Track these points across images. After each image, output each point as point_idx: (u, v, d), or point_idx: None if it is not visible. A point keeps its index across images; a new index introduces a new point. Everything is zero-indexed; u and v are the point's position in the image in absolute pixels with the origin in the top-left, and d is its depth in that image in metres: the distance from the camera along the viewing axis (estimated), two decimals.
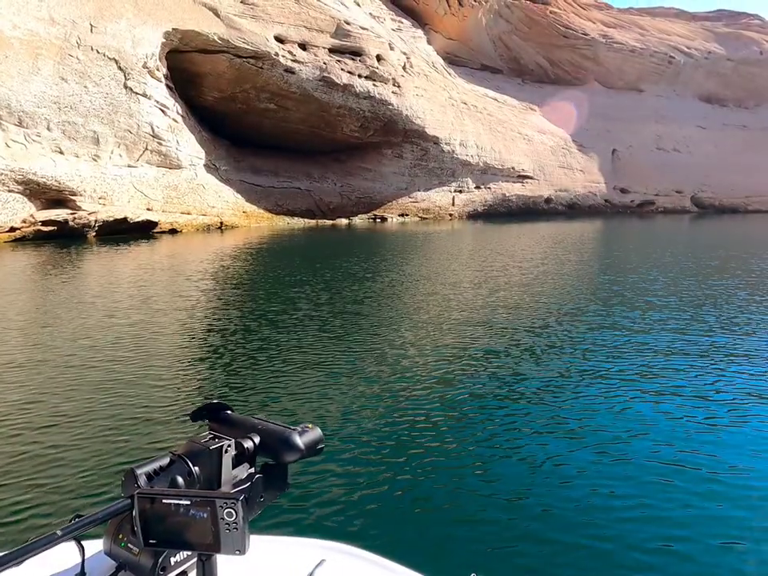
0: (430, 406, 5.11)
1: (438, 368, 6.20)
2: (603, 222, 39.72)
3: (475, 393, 5.54)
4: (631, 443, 4.36)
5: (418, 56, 41.00)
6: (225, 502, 0.82)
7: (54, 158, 20.57)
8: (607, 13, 63.38)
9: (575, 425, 4.74)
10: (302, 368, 6.29)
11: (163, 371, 6.17)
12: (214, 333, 8.00)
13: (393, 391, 5.55)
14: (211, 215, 27.60)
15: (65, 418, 4.80)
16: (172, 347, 7.25)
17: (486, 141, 43.19)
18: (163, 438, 4.38)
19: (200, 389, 5.70)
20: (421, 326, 8.22)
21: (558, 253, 18.78)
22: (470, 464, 4.07)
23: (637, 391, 5.53)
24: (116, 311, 9.31)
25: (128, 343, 7.24)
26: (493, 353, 6.91)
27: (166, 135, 25.11)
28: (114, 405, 5.09)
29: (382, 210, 38.17)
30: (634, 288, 11.27)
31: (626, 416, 4.94)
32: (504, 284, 11.86)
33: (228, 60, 27.88)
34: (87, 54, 21.23)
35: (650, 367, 6.28)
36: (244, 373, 6.19)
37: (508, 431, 4.64)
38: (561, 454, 4.21)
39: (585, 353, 6.89)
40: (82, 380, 5.84)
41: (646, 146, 56.71)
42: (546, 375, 6.10)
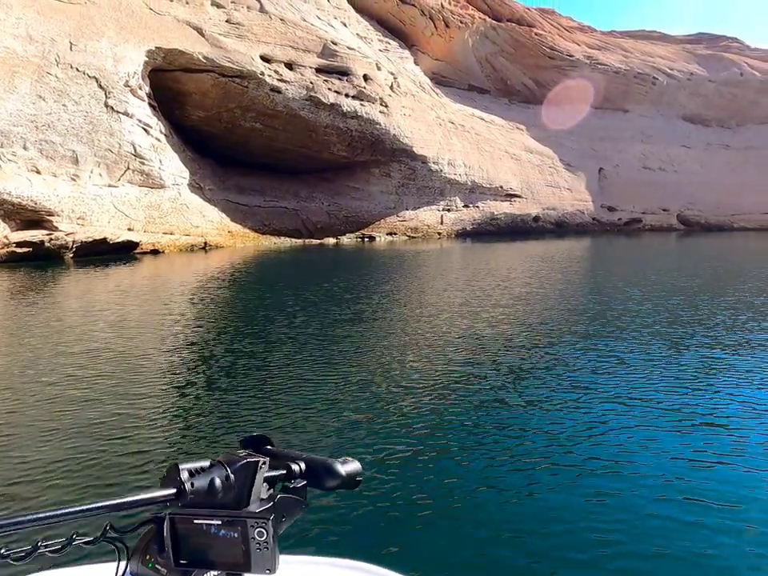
0: (424, 424, 5.08)
1: (428, 389, 5.79)
2: (591, 240, 39.65)
3: (467, 411, 5.41)
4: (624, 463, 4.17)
5: (405, 76, 41.11)
6: (256, 522, 0.83)
7: (30, 178, 19.98)
8: (591, 35, 64.42)
9: (566, 447, 4.62)
10: (288, 389, 6.12)
11: (139, 396, 5.91)
12: (193, 357, 7.72)
13: (389, 411, 5.49)
14: (195, 235, 27.02)
15: (37, 447, 4.61)
16: (150, 373, 6.94)
17: (473, 160, 43.21)
18: (140, 468, 4.20)
19: (179, 414, 5.47)
20: (407, 347, 7.72)
21: (547, 272, 18.42)
22: (478, 482, 4.02)
23: (622, 408, 5.32)
24: (92, 336, 8.84)
25: (104, 369, 6.94)
26: (481, 371, 6.61)
27: (148, 154, 24.63)
28: (92, 431, 4.91)
29: (370, 229, 37.82)
30: (623, 307, 10.86)
31: (614, 437, 4.84)
32: (492, 304, 11.41)
33: (213, 79, 27.59)
34: (66, 71, 20.79)
35: (636, 386, 5.92)
36: (226, 397, 5.96)
37: (500, 450, 4.60)
38: (560, 480, 4.07)
39: (571, 372, 6.56)
40: (55, 407, 5.56)
41: (632, 165, 57.19)
42: (533, 395, 5.90)
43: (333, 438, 4.78)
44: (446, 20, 48.74)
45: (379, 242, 36.29)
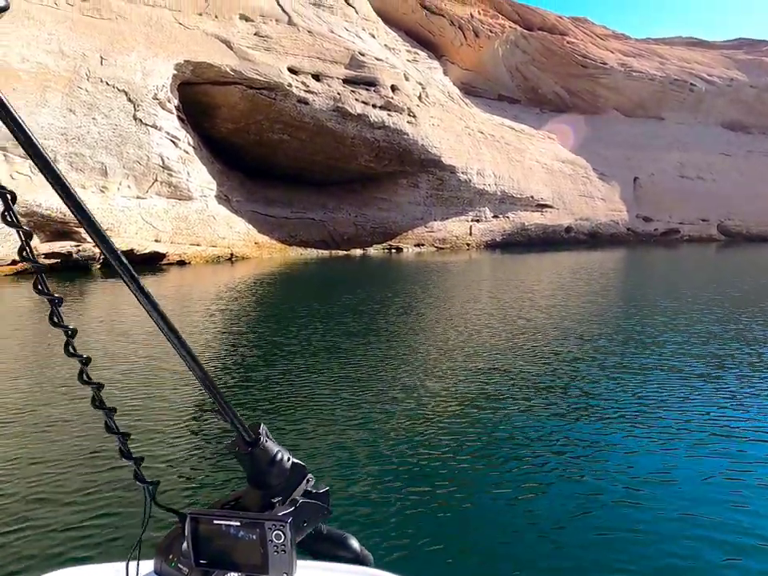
0: (454, 436, 5.01)
1: (454, 402, 5.55)
2: (626, 252, 38.33)
3: (494, 426, 5.35)
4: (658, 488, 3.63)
5: (433, 86, 40.76)
6: (274, 524, 0.85)
7: None
8: (625, 42, 63.07)
9: (595, 470, 4.46)
10: (309, 401, 6.05)
11: (166, 406, 5.91)
12: (219, 366, 7.71)
13: (417, 422, 5.40)
14: (221, 246, 27.02)
15: (65, 450, 4.67)
16: (176, 383, 6.94)
17: (503, 169, 42.45)
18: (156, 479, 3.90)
19: (204, 422, 5.47)
20: (434, 363, 7.19)
21: (578, 285, 17.59)
22: (505, 495, 3.98)
23: (658, 430, 4.95)
24: (118, 346, 8.88)
25: (131, 379, 7.01)
26: (511, 388, 6.23)
27: (176, 166, 24.77)
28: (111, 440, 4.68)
29: (398, 240, 37.37)
30: (656, 322, 10.07)
31: (653, 460, 4.57)
32: (523, 321, 10.76)
33: (241, 91, 27.71)
34: (96, 85, 21.07)
35: (668, 406, 5.31)
36: (252, 407, 5.92)
37: (533, 467, 4.52)
38: (590, 492, 4.06)
39: (605, 392, 6.03)
40: (82, 416, 5.58)
41: (668, 174, 55.42)
42: (564, 413, 5.64)
43: (351, 450, 4.67)
44: (476, 30, 48.35)
45: (407, 254, 35.80)
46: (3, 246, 18.94)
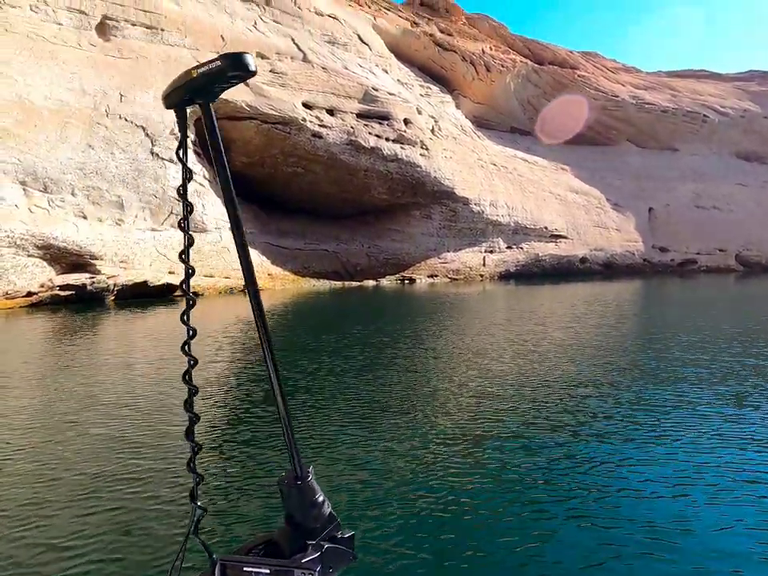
0: (458, 478, 4.85)
1: (462, 441, 5.23)
2: (642, 282, 37.82)
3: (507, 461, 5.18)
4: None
5: (446, 119, 41.30)
6: (303, 572, 0.86)
7: (76, 223, 20.57)
8: (636, 76, 63.66)
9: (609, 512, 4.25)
10: (324, 436, 5.98)
11: (177, 437, 5.78)
12: (231, 399, 7.67)
13: (423, 462, 5.28)
14: (235, 278, 27.17)
15: (73, 482, 4.62)
16: (182, 416, 6.77)
17: (516, 201, 42.53)
18: (173, 504, 4.12)
19: (216, 456, 5.43)
20: (445, 399, 6.97)
21: (595, 318, 17.27)
22: (512, 541, 3.84)
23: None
24: (131, 377, 8.92)
25: (142, 410, 6.96)
26: (520, 426, 5.93)
27: (191, 199, 25.01)
28: (127, 470, 4.90)
29: (411, 271, 37.35)
30: (678, 359, 9.75)
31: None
32: (536, 355, 10.51)
33: (256, 126, 28.28)
34: (115, 121, 21.64)
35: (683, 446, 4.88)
36: (263, 440, 5.86)
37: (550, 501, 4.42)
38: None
39: (618, 432, 5.62)
40: (93, 444, 5.67)
41: (684, 204, 55.10)
42: (575, 454, 5.38)
43: (356, 490, 4.57)
44: (487, 65, 49.16)
45: (420, 285, 35.69)
46: (20, 278, 19.22)
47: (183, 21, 26.41)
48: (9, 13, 20.80)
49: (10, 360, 11.11)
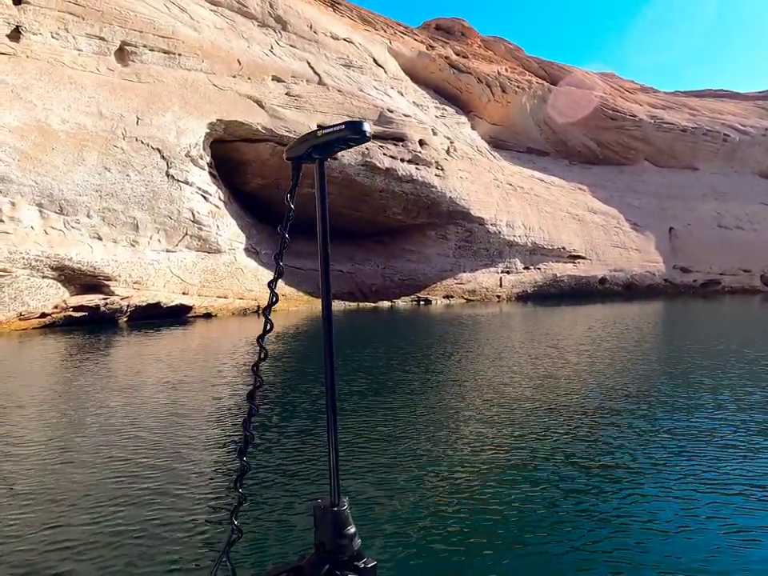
0: (467, 515, 4.55)
1: (473, 472, 4.74)
2: (664, 304, 36.88)
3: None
4: None
5: (461, 140, 41.26)
6: None
7: (91, 244, 20.66)
8: (654, 95, 63.30)
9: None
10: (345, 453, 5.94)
11: (193, 458, 5.85)
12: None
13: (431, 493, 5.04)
14: (248, 299, 27.07)
15: (86, 504, 4.57)
16: (203, 435, 6.90)
17: (533, 221, 42.09)
18: (195, 538, 3.99)
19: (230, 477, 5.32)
20: (459, 426, 6.55)
21: (614, 341, 16.66)
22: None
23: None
24: (145, 402, 8.81)
25: (156, 432, 6.89)
26: (535, 457, 5.46)
27: (206, 220, 25.22)
28: (139, 493, 4.83)
29: (426, 292, 36.96)
30: (699, 386, 9.18)
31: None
32: (551, 380, 10.02)
33: (271, 148, 28.42)
34: (131, 144, 21.84)
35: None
36: (279, 462, 5.75)
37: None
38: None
39: (632, 463, 5.11)
40: (113, 466, 5.60)
41: (705, 224, 54.09)
42: (586, 487, 5.02)
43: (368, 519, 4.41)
44: (503, 86, 49.25)
45: (435, 306, 35.24)
46: (34, 300, 19.26)
47: (200, 45, 26.83)
48: (31, 40, 21.28)
49: (25, 381, 11.00)
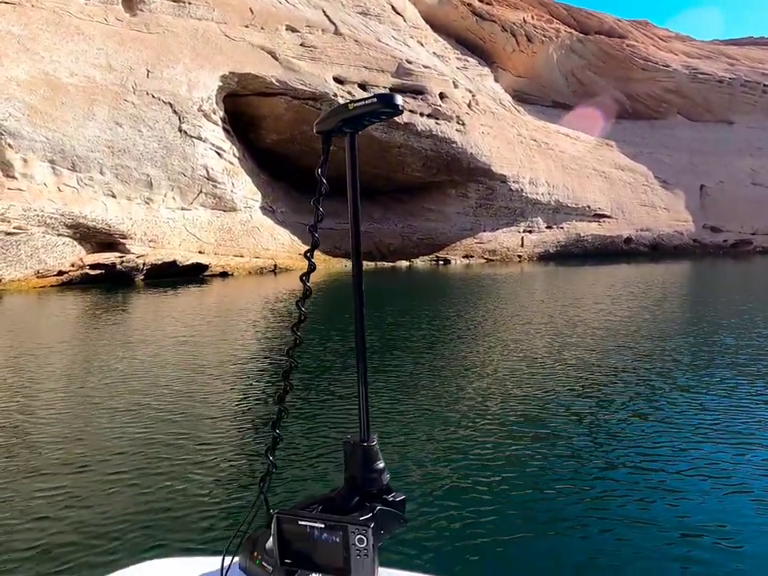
0: (482, 471, 4.49)
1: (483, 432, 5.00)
2: (692, 264, 35.69)
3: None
4: None
5: (484, 94, 39.64)
6: (357, 528, 0.87)
7: (105, 202, 20.44)
8: (690, 44, 59.83)
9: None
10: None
11: (213, 417, 5.81)
12: (266, 377, 7.60)
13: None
14: (265, 258, 26.82)
15: (103, 463, 4.53)
16: (224, 393, 6.89)
17: (558, 178, 40.70)
18: (210, 484, 4.09)
19: (252, 436, 5.33)
20: (486, 384, 6.22)
21: (642, 301, 16.01)
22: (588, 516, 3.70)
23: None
24: (164, 356, 8.85)
25: (177, 389, 6.86)
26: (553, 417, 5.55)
27: (221, 178, 24.76)
28: (160, 448, 4.85)
29: (445, 251, 36.31)
30: (727, 351, 8.63)
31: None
32: (574, 347, 9.56)
33: (286, 102, 27.57)
34: (142, 98, 21.27)
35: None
36: (300, 420, 5.67)
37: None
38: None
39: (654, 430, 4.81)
40: (127, 423, 5.54)
41: (739, 181, 51.79)
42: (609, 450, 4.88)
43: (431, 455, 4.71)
44: (529, 35, 46.94)
45: (454, 266, 34.66)
46: (50, 257, 19.25)
47: None
48: None
49: (45, 336, 11.06)
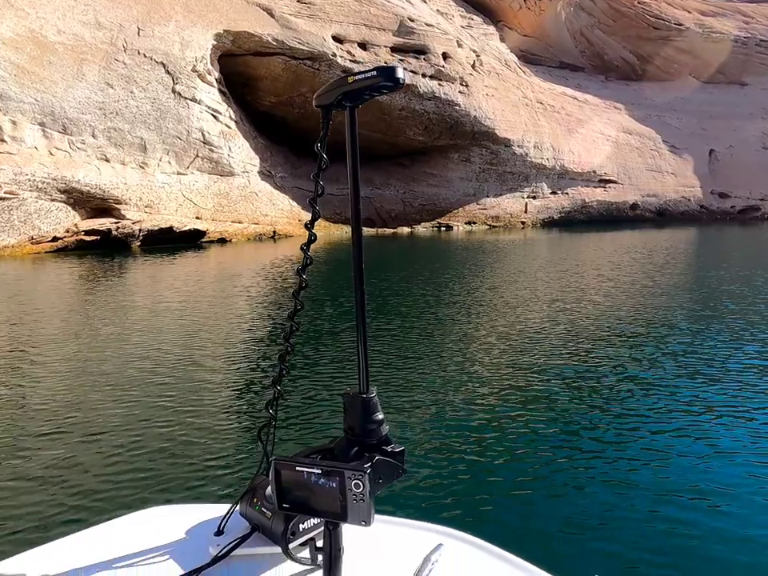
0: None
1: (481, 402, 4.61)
2: (698, 231, 35.11)
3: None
4: None
5: (489, 54, 38.39)
6: (353, 474, 0.89)
7: (99, 166, 19.99)
8: (704, 1, 57.61)
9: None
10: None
11: (211, 380, 5.89)
12: (264, 342, 7.68)
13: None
14: (264, 224, 26.44)
15: (105, 424, 4.62)
16: (220, 361, 6.81)
17: (563, 143, 39.75)
18: (207, 444, 4.19)
19: (249, 396, 5.44)
20: (485, 350, 6.03)
21: (640, 267, 15.68)
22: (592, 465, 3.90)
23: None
24: (161, 321, 8.85)
25: (172, 356, 6.79)
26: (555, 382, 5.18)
27: (217, 141, 24.18)
28: (159, 411, 4.93)
29: (447, 217, 35.80)
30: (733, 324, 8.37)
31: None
32: (571, 313, 9.31)
33: (283, 62, 26.72)
34: (134, 58, 20.56)
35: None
36: (297, 385, 5.69)
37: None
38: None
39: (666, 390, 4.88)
40: (127, 387, 5.61)
41: (750, 146, 50.59)
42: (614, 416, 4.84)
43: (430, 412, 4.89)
44: None
45: (457, 232, 34.19)
46: (44, 223, 18.95)
47: None
48: None
49: (41, 302, 10.95)
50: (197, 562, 1.02)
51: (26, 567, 1.02)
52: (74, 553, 1.07)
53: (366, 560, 1.04)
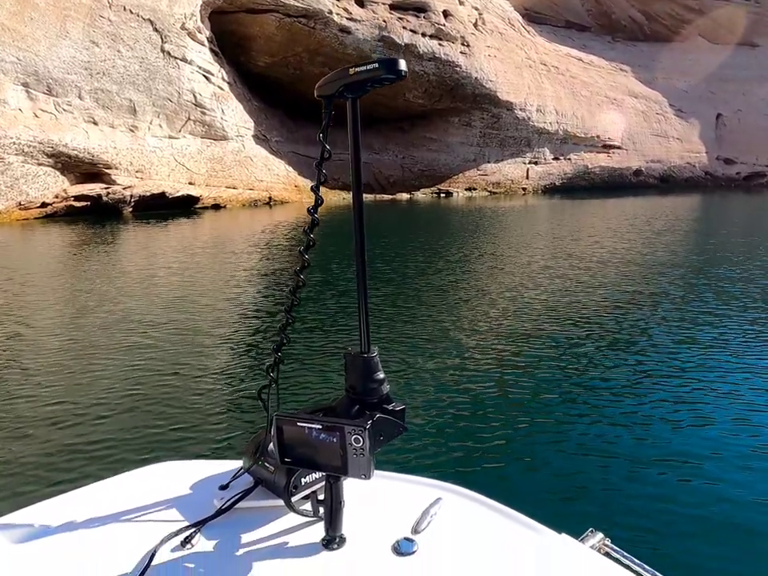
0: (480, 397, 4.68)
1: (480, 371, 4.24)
2: (702, 198, 34.49)
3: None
4: None
5: (492, 12, 36.99)
6: (353, 429, 0.91)
7: (86, 129, 19.38)
8: None
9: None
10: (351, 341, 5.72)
11: (206, 347, 5.87)
12: (261, 309, 7.58)
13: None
14: (259, 189, 25.89)
15: (108, 386, 4.67)
16: (216, 326, 6.80)
17: (567, 106, 38.71)
18: (202, 411, 4.19)
19: (245, 365, 5.34)
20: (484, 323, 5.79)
21: (647, 237, 15.30)
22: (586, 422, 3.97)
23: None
24: (153, 290, 8.71)
25: (168, 322, 6.79)
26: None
27: (209, 104, 23.44)
28: (152, 377, 4.94)
29: (447, 183, 35.13)
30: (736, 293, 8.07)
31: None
32: (581, 281, 9.02)
33: (277, 20, 25.71)
34: (119, 14, 19.70)
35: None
36: (294, 353, 5.52)
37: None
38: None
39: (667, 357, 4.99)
40: (119, 355, 5.53)
41: (758, 110, 49.27)
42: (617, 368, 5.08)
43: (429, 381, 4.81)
44: None
45: (457, 198, 33.60)
46: (32, 188, 18.47)
47: None
48: None
49: (32, 268, 10.83)
50: (201, 514, 1.04)
51: (34, 519, 1.04)
52: (82, 506, 1.09)
53: (366, 513, 1.07)
